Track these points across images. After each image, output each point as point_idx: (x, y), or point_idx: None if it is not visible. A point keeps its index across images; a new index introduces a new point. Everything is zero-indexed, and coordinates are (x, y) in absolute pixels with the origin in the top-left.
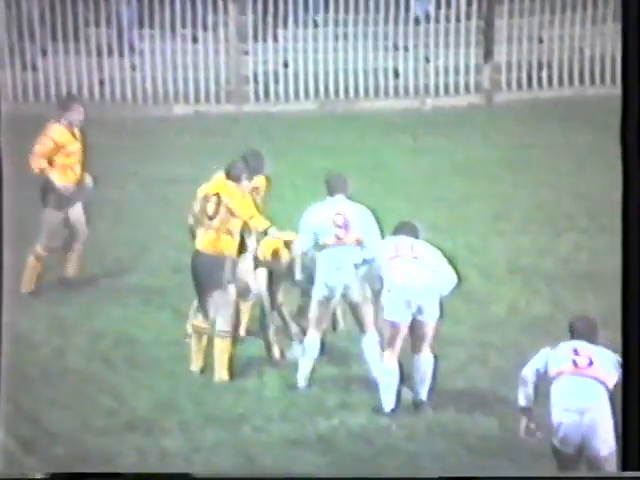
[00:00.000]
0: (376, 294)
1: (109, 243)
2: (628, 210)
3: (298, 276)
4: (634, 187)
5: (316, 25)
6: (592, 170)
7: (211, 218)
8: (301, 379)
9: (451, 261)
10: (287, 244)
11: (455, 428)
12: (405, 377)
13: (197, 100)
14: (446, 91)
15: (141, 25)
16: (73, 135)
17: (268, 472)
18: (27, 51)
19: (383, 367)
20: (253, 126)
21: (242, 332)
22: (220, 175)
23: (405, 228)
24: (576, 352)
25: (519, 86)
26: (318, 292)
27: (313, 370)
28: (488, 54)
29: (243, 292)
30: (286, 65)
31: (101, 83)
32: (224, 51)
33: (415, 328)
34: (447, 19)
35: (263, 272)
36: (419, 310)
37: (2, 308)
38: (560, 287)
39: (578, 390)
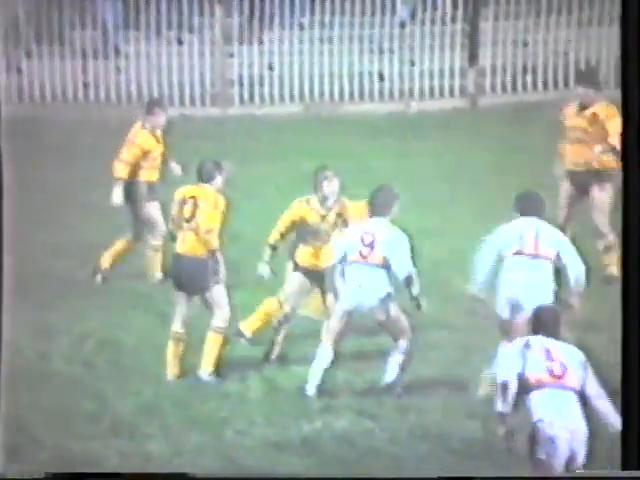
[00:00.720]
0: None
1: (95, 246)
2: (628, 210)
3: (327, 288)
4: (634, 188)
5: (301, 28)
6: None
7: (188, 221)
8: (310, 388)
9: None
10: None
11: (437, 431)
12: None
13: (182, 103)
14: (431, 94)
15: (126, 27)
16: (156, 138)
17: (252, 474)
18: (11, 54)
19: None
20: (238, 129)
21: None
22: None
23: (529, 205)
24: (549, 355)
25: (504, 90)
26: (340, 307)
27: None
28: (473, 57)
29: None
30: (271, 68)
31: (85, 86)
32: (209, 53)
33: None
34: (432, 22)
35: (296, 278)
36: (522, 309)
37: (2, 308)
38: None
39: (564, 406)
